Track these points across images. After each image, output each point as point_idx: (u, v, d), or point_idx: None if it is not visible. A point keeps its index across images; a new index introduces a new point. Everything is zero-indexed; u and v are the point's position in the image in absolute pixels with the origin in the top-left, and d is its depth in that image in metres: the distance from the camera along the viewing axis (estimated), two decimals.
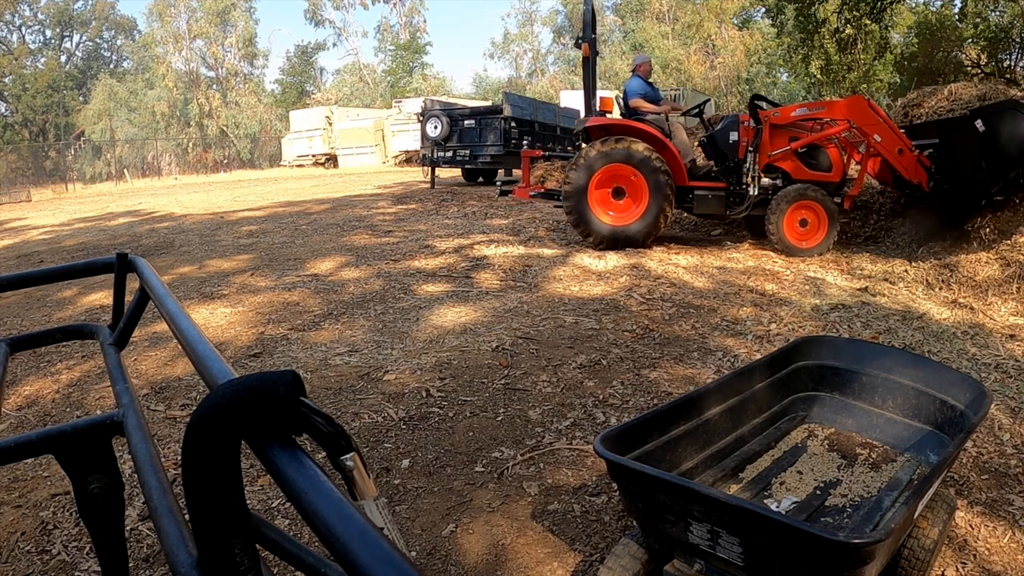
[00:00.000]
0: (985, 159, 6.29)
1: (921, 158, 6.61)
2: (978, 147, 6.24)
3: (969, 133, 6.29)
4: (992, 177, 6.39)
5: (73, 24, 44.13)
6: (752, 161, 6.71)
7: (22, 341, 1.12)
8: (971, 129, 6.25)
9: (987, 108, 6.53)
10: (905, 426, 2.49)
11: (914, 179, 6.62)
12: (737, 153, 6.84)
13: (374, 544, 0.40)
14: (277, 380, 0.49)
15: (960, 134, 6.45)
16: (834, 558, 1.48)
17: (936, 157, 6.66)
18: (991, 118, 6.25)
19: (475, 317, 4.60)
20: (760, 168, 6.72)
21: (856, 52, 20.18)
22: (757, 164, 6.69)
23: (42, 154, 34.21)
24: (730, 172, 6.91)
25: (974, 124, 6.23)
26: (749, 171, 6.74)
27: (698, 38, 38.84)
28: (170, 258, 7.11)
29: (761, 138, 6.65)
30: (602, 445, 1.82)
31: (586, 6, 6.94)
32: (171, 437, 3.00)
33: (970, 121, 6.28)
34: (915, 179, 6.61)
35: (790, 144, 6.66)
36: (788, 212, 6.56)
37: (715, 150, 7.05)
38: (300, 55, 48.01)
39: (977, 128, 6.23)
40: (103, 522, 0.90)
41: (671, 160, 6.68)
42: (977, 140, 6.22)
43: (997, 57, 21.36)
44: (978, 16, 20.51)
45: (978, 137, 6.22)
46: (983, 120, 6.23)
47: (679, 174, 6.75)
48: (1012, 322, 4.44)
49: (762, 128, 6.65)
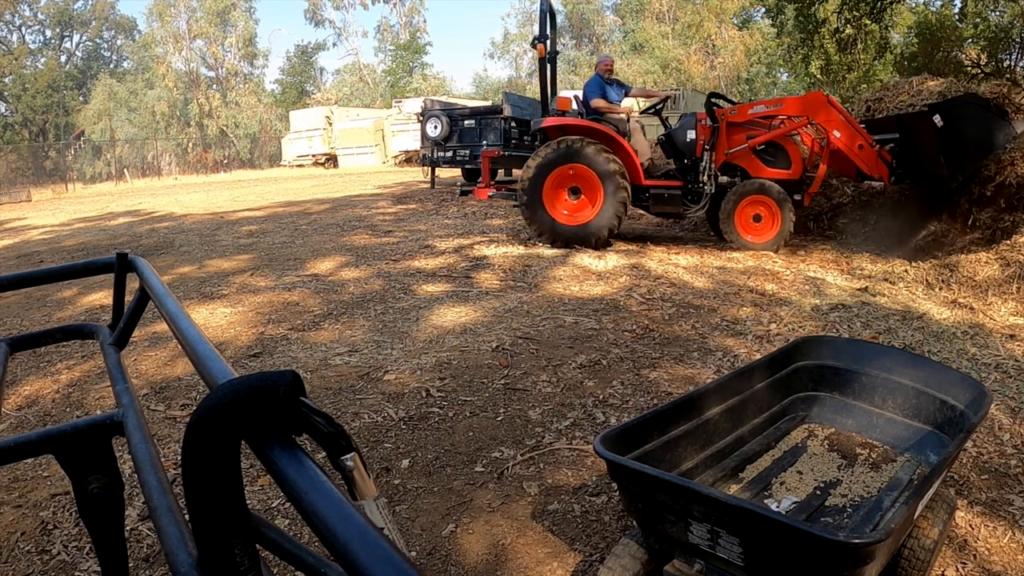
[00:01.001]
0: (944, 154, 6.36)
1: (882, 153, 6.67)
2: (937, 142, 6.31)
3: (928, 128, 6.36)
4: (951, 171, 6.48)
5: (73, 24, 44.13)
6: (709, 159, 6.77)
7: (22, 341, 1.12)
8: (930, 124, 6.32)
9: (946, 103, 6.60)
10: (905, 426, 2.49)
11: (875, 174, 6.69)
12: (695, 151, 6.90)
13: (374, 544, 0.40)
14: (277, 380, 0.49)
15: (919, 129, 6.53)
16: (834, 558, 1.48)
17: (897, 152, 6.74)
18: (950, 113, 6.32)
19: (475, 317, 4.60)
20: (717, 166, 6.78)
21: (856, 52, 20.18)
22: (714, 162, 6.76)
23: (42, 154, 34.22)
24: (688, 170, 6.97)
25: (932, 119, 6.30)
26: (706, 169, 6.79)
27: (698, 38, 38.83)
28: (170, 258, 7.11)
29: (718, 136, 6.70)
30: (602, 445, 1.82)
31: (542, 7, 6.97)
32: (171, 437, 3.00)
33: (929, 116, 6.35)
34: (876, 174, 6.68)
35: (748, 142, 6.72)
36: (740, 207, 6.61)
37: (673, 148, 7.11)
38: (300, 55, 48.00)
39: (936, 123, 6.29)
40: (103, 522, 0.90)
41: (626, 159, 6.71)
42: (936, 135, 6.29)
43: (997, 57, 21.36)
44: (978, 16, 20.51)
45: (937, 132, 6.28)
46: (942, 115, 6.30)
47: (635, 173, 6.79)
48: (1012, 322, 4.44)
49: (719, 126, 6.70)
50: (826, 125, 6.55)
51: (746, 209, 6.65)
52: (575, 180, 6.68)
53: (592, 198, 6.66)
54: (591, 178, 6.57)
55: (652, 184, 6.90)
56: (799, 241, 7.32)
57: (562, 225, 6.72)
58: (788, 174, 6.79)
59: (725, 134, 6.69)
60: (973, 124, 6.38)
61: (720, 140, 6.70)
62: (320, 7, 45.19)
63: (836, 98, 7.18)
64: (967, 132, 6.35)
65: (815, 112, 6.53)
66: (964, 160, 6.45)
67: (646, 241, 7.26)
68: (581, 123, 6.85)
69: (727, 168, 6.86)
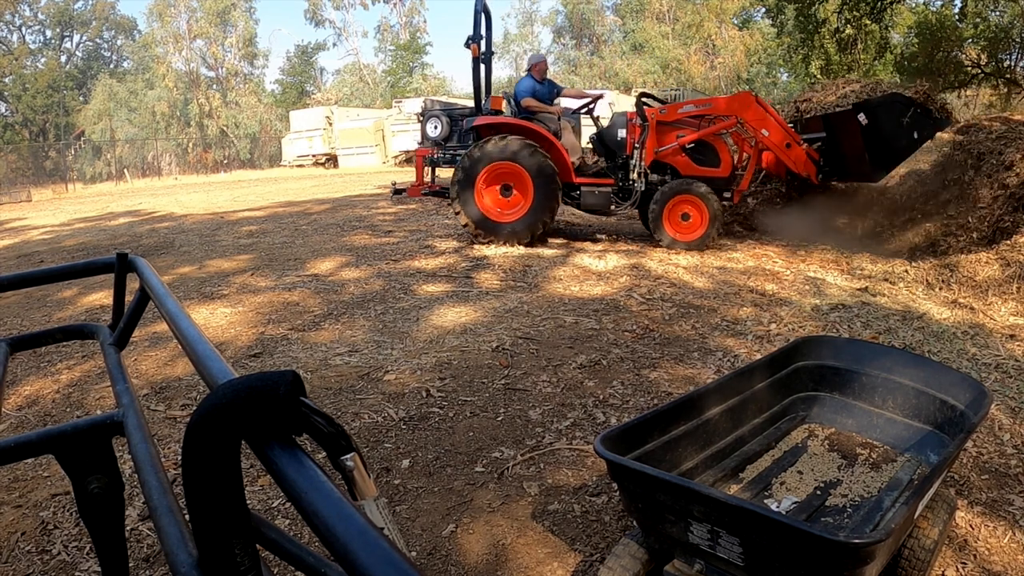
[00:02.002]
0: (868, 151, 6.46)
1: (810, 151, 6.76)
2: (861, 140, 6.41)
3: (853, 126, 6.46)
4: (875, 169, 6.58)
5: (73, 24, 44.12)
6: (638, 157, 6.84)
7: (22, 341, 1.12)
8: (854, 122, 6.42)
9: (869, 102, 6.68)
10: (905, 426, 2.49)
11: (803, 172, 6.77)
12: (625, 150, 6.97)
13: (374, 544, 0.40)
14: (277, 380, 0.49)
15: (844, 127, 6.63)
16: (834, 558, 1.48)
17: (824, 150, 6.84)
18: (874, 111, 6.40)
19: (475, 317, 4.60)
20: (646, 164, 6.85)
21: (856, 52, 20.18)
22: (643, 160, 6.82)
23: (42, 154, 34.22)
24: (619, 169, 7.04)
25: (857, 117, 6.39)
26: (635, 167, 6.87)
27: (698, 38, 38.82)
28: (170, 258, 7.11)
29: (647, 135, 6.77)
30: (602, 445, 1.82)
31: (476, 7, 7.02)
32: (171, 437, 3.00)
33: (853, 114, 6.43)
34: (804, 172, 6.76)
35: (677, 140, 6.79)
36: (669, 206, 6.68)
37: (604, 147, 7.18)
38: (300, 55, 47.97)
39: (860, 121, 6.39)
40: (103, 522, 0.90)
41: (557, 158, 6.78)
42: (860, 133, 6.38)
43: (997, 57, 21.35)
44: (978, 16, 20.49)
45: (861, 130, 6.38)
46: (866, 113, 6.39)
47: (565, 171, 6.86)
48: (1012, 322, 4.43)
49: (648, 125, 6.77)
50: (755, 124, 6.64)
51: (675, 208, 6.73)
52: (507, 178, 6.76)
53: (523, 195, 6.74)
54: (522, 176, 6.64)
55: (583, 182, 6.99)
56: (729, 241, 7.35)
57: (493, 222, 6.80)
58: (718, 172, 6.90)
59: (654, 133, 6.79)
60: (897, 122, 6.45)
61: (650, 139, 6.79)
62: (320, 7, 45.18)
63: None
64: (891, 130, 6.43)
65: (744, 111, 6.63)
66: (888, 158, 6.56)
67: (646, 241, 7.26)
68: (513, 122, 6.93)
69: (657, 166, 6.95)
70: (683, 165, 6.87)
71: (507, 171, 6.68)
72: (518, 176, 6.67)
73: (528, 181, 6.63)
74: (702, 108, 6.89)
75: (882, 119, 6.41)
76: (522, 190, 6.73)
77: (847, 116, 6.59)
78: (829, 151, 6.90)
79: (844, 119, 6.65)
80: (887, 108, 6.47)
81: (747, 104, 6.68)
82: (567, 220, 8.87)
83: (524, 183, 6.67)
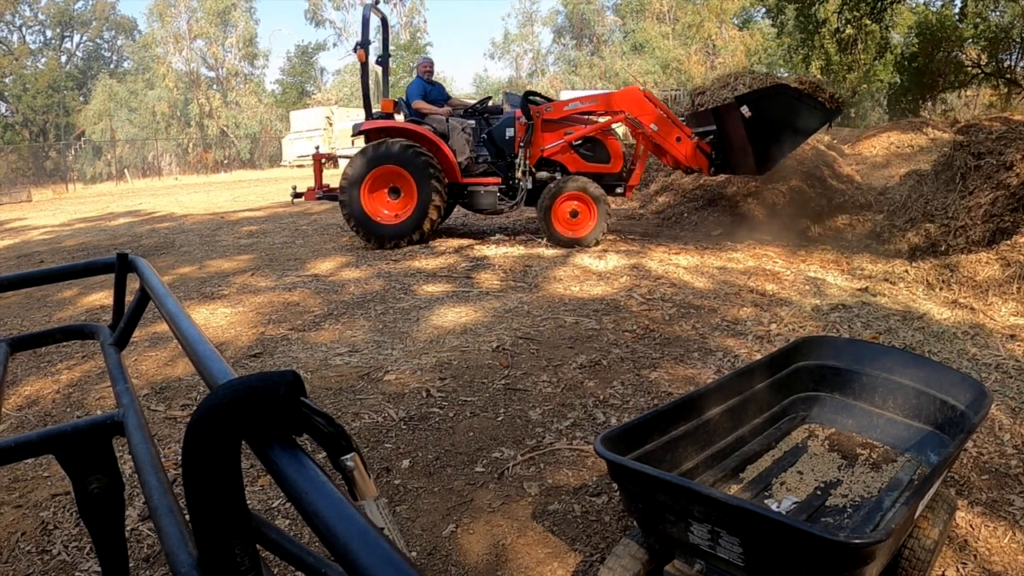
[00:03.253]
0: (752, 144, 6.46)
1: (701, 145, 6.80)
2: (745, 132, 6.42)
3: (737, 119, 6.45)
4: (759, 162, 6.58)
5: (73, 24, 44.11)
6: (522, 156, 6.92)
7: (22, 341, 1.12)
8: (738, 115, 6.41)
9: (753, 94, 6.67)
10: (905, 426, 2.49)
11: (694, 165, 6.86)
12: (513, 149, 7.05)
13: (374, 544, 0.40)
14: (277, 380, 0.49)
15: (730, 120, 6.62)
16: (835, 558, 1.48)
17: (715, 143, 6.88)
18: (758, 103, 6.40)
19: (475, 317, 4.60)
20: (532, 163, 6.92)
21: (856, 52, 20.17)
22: (527, 159, 6.90)
23: (42, 154, 34.22)
24: (508, 168, 7.12)
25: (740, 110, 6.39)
26: (520, 166, 6.95)
27: (698, 38, 38.81)
28: (170, 258, 7.11)
29: (532, 134, 6.84)
30: (602, 445, 1.82)
31: (364, 13, 7.16)
32: (171, 437, 3.00)
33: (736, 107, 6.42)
34: (695, 165, 6.85)
35: (564, 138, 6.84)
36: (557, 203, 6.74)
37: (494, 147, 7.26)
38: (300, 55, 47.96)
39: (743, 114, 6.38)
40: (103, 522, 0.90)
41: (443, 159, 6.87)
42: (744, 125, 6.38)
43: (997, 57, 21.34)
44: (978, 16, 20.48)
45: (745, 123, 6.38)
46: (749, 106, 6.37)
47: (452, 172, 6.94)
48: (1012, 322, 4.43)
49: (534, 124, 6.83)
50: (642, 119, 6.70)
51: (563, 205, 6.78)
52: (393, 180, 6.84)
53: (410, 197, 6.81)
54: (407, 178, 6.72)
55: (469, 182, 7.08)
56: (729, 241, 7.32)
57: (381, 224, 6.89)
58: (607, 168, 6.97)
59: (540, 131, 6.86)
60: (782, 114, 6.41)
61: (535, 137, 6.86)
62: (320, 7, 45.14)
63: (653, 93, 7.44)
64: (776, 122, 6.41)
65: (631, 107, 6.69)
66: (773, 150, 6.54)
67: (646, 242, 7.26)
68: (399, 125, 7.03)
69: (547, 164, 7.00)
70: (572, 162, 6.96)
71: (393, 174, 6.78)
72: (404, 178, 6.77)
73: (413, 183, 6.72)
74: (589, 105, 6.96)
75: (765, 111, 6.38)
76: (409, 192, 6.81)
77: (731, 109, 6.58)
78: (719, 144, 6.92)
79: (729, 112, 6.64)
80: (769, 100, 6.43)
81: (634, 99, 6.73)
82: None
83: (410, 185, 6.76)
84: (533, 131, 6.86)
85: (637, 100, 6.77)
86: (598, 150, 7.00)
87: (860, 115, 30.50)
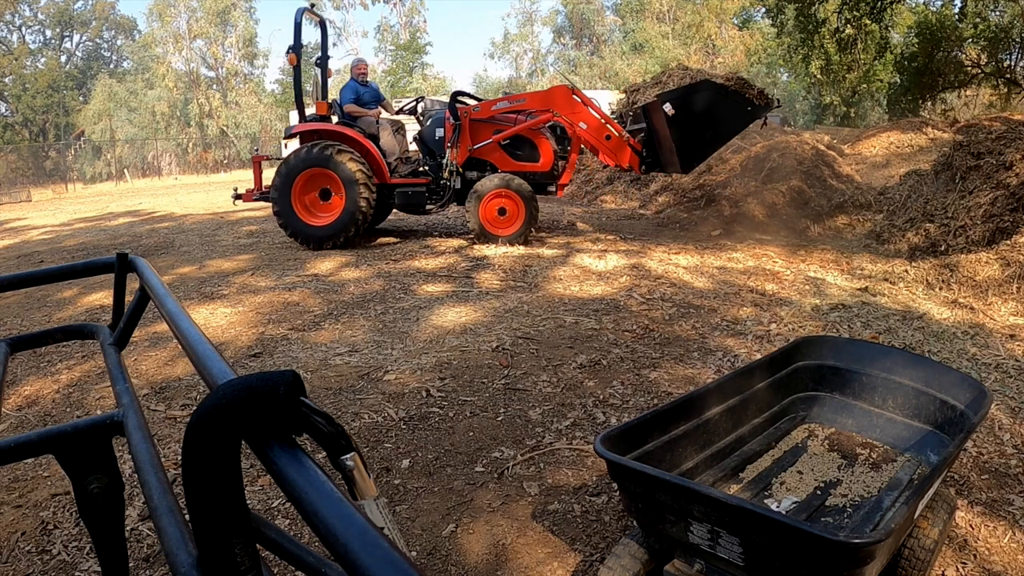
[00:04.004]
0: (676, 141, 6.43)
1: (631, 142, 6.80)
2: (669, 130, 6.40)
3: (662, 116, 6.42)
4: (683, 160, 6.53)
5: (73, 24, 44.10)
6: (449, 156, 6.99)
7: (22, 341, 1.12)
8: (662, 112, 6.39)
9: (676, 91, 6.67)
10: (905, 426, 2.49)
11: (624, 164, 6.88)
12: (442, 149, 7.13)
13: (374, 544, 0.40)
14: (277, 380, 0.49)
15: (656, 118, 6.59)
16: (834, 558, 1.48)
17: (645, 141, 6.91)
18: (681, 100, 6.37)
19: (475, 317, 4.60)
20: (460, 163, 6.98)
21: (856, 52, 20.16)
22: (455, 159, 6.97)
23: (42, 154, 34.20)
24: (438, 168, 7.20)
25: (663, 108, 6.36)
26: (446, 166, 7.02)
27: (698, 38, 38.81)
28: (170, 258, 7.10)
29: (459, 134, 6.89)
30: (602, 445, 1.82)
31: (296, 17, 7.28)
32: (171, 437, 3.00)
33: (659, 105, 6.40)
34: (626, 163, 6.87)
35: (493, 137, 6.88)
36: (485, 202, 6.79)
37: (424, 147, 7.36)
38: None
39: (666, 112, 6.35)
40: (103, 522, 0.90)
41: (372, 160, 6.97)
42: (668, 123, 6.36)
43: (997, 57, 21.35)
44: (978, 16, 20.48)
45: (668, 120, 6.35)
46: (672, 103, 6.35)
47: (381, 173, 7.03)
48: (1012, 322, 4.43)
49: (461, 124, 6.88)
50: (571, 118, 6.70)
51: (491, 203, 6.82)
52: (324, 183, 6.94)
53: (340, 199, 6.90)
54: (337, 180, 6.82)
55: (397, 183, 7.16)
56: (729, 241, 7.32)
57: (311, 226, 6.99)
58: (537, 167, 6.99)
59: (468, 131, 6.90)
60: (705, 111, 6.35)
61: (463, 137, 6.91)
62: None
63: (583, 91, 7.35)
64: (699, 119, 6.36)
65: (559, 105, 6.69)
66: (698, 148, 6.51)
67: (646, 242, 7.26)
68: (330, 127, 7.12)
69: (477, 164, 7.06)
70: (502, 162, 7.01)
71: (322, 176, 6.88)
72: (333, 181, 6.86)
73: (340, 185, 6.82)
74: (517, 104, 6.98)
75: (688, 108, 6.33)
76: (339, 194, 6.91)
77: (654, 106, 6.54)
78: (648, 142, 6.92)
79: (655, 110, 6.61)
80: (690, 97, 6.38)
81: (562, 98, 6.71)
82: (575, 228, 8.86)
83: (339, 187, 6.85)
84: (460, 131, 6.92)
85: (565, 99, 6.74)
86: (528, 149, 7.04)
87: (860, 115, 30.51)
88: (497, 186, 6.73)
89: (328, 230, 6.92)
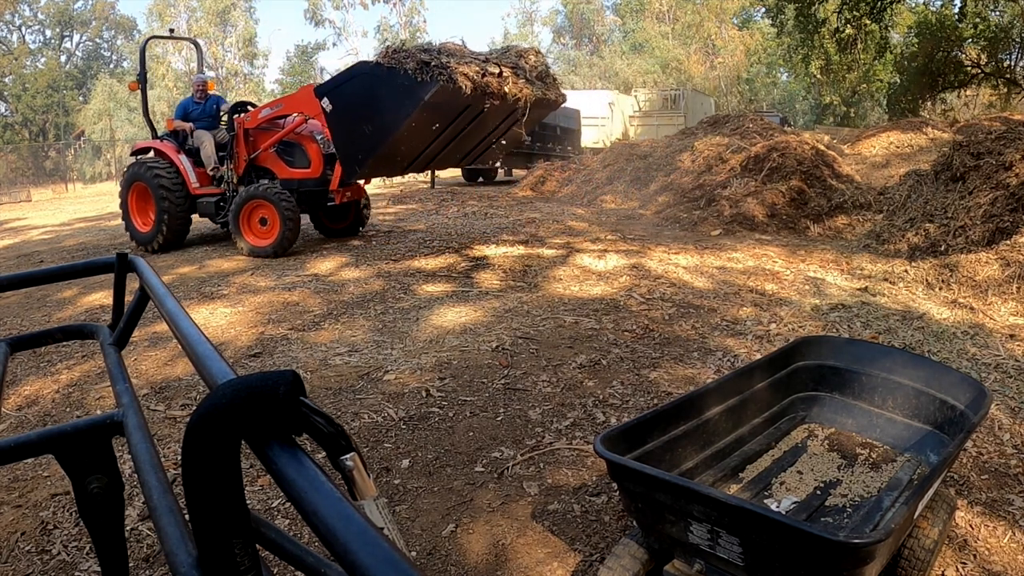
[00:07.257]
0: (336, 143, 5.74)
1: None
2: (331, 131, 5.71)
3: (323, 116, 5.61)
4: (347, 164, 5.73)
5: (73, 24, 44.08)
6: (227, 166, 7.15)
7: (22, 341, 1.12)
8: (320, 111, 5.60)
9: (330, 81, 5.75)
10: (905, 426, 2.49)
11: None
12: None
13: (374, 544, 0.40)
14: (277, 380, 0.49)
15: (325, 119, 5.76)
16: (834, 558, 1.48)
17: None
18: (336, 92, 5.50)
19: (475, 317, 4.60)
20: (239, 172, 7.10)
21: (856, 52, 20.18)
22: (232, 168, 7.10)
23: (42, 154, 34.18)
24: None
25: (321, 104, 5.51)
26: (226, 176, 7.20)
27: (698, 38, 38.82)
28: (170, 258, 7.10)
29: (235, 143, 7.01)
30: (602, 445, 1.82)
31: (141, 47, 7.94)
32: (171, 437, 3.00)
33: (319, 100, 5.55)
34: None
35: (261, 147, 6.96)
36: (245, 211, 6.81)
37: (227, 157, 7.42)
38: (300, 55, 47.97)
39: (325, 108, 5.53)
40: (103, 522, 0.90)
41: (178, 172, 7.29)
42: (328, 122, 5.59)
43: (997, 57, 21.36)
44: (978, 16, 20.49)
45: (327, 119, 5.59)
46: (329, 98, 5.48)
47: (186, 184, 7.33)
48: (1012, 322, 4.43)
49: (235, 134, 6.99)
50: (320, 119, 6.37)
51: (253, 213, 6.83)
52: (144, 193, 7.40)
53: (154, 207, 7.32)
54: (148, 192, 7.26)
55: (198, 193, 7.35)
56: (729, 240, 7.31)
57: (138, 231, 7.52)
58: (308, 173, 6.98)
59: (243, 140, 6.99)
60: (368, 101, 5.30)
61: (239, 147, 7.02)
62: (320, 7, 45.15)
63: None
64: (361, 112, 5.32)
65: (308, 108, 6.36)
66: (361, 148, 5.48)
67: (646, 242, 7.26)
68: (151, 144, 7.65)
69: (260, 172, 7.14)
70: (279, 169, 7.06)
71: (142, 189, 7.36)
72: (146, 191, 7.33)
73: (151, 195, 7.23)
74: (276, 110, 6.90)
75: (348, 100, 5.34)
76: (151, 203, 7.36)
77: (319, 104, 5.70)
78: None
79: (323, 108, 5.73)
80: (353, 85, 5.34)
81: (308, 100, 6.19)
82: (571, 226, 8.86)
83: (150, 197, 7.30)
84: (235, 141, 7.02)
85: (310, 101, 6.20)
86: (297, 155, 7.04)
87: (860, 115, 30.52)
88: (252, 194, 6.73)
89: (148, 236, 7.42)
